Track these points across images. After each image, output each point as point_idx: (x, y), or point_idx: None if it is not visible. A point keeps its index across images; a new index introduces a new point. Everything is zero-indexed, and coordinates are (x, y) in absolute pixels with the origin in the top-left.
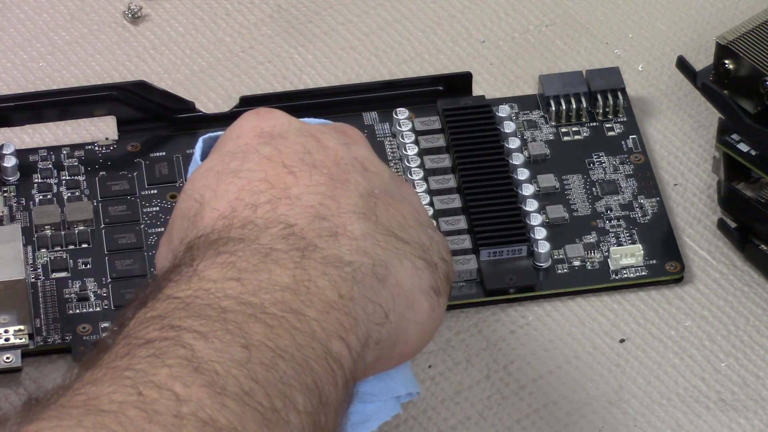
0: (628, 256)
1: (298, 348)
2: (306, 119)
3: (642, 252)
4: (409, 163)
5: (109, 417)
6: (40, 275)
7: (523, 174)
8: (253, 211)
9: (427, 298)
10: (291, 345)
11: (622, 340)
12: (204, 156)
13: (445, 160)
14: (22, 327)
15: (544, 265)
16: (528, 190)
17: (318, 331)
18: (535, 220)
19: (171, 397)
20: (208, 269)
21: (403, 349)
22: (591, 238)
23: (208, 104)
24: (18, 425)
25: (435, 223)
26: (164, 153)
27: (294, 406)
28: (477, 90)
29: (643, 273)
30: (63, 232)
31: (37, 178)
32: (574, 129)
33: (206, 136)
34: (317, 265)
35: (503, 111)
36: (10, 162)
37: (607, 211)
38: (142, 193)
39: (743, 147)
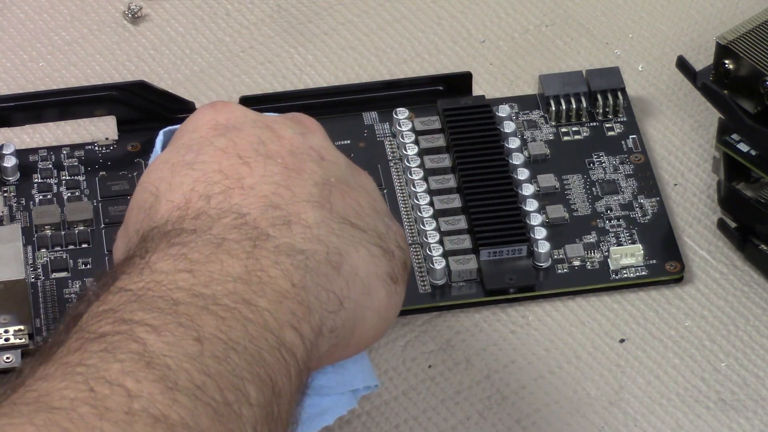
0: (628, 256)
1: (251, 339)
2: (265, 114)
3: (642, 252)
4: (409, 163)
5: (60, 414)
6: (40, 275)
7: (523, 174)
8: (206, 202)
9: (384, 285)
10: (243, 336)
11: (622, 340)
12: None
13: (445, 160)
14: (22, 327)
15: (544, 265)
16: (528, 190)
17: (270, 322)
18: (535, 220)
19: (122, 393)
20: (160, 261)
21: (360, 336)
22: (591, 238)
23: None
24: None
25: (393, 214)
26: None
27: (247, 399)
28: (477, 90)
29: (643, 273)
30: (63, 232)
31: (37, 178)
32: (574, 129)
33: (167, 129)
34: (269, 255)
35: (503, 111)
36: (10, 162)
37: (607, 211)
38: None
39: (743, 147)
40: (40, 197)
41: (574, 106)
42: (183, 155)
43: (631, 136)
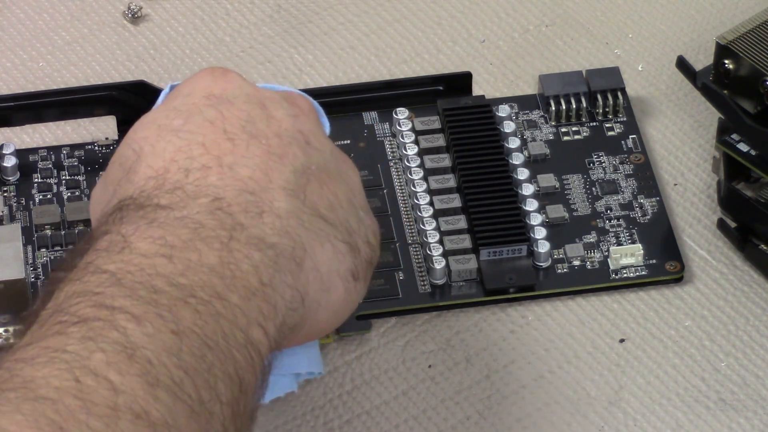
0: (628, 255)
1: (224, 336)
2: (266, 85)
3: (642, 252)
4: (409, 162)
5: (47, 405)
6: (40, 275)
7: (523, 174)
8: (184, 176)
9: (344, 283)
10: (217, 332)
11: (622, 340)
12: None
13: (445, 160)
14: (22, 326)
15: (544, 264)
16: (528, 189)
17: (240, 319)
18: (535, 219)
19: (107, 386)
20: (139, 241)
21: (310, 329)
22: (591, 237)
23: None
24: None
25: (369, 207)
26: None
27: (218, 397)
28: (477, 90)
29: (643, 273)
30: (63, 232)
31: (37, 178)
32: (574, 129)
33: (176, 83)
34: (242, 248)
35: (503, 111)
36: (10, 162)
37: (607, 211)
38: None
39: (743, 147)
40: (40, 197)
41: (574, 106)
42: (171, 119)
43: (631, 136)
